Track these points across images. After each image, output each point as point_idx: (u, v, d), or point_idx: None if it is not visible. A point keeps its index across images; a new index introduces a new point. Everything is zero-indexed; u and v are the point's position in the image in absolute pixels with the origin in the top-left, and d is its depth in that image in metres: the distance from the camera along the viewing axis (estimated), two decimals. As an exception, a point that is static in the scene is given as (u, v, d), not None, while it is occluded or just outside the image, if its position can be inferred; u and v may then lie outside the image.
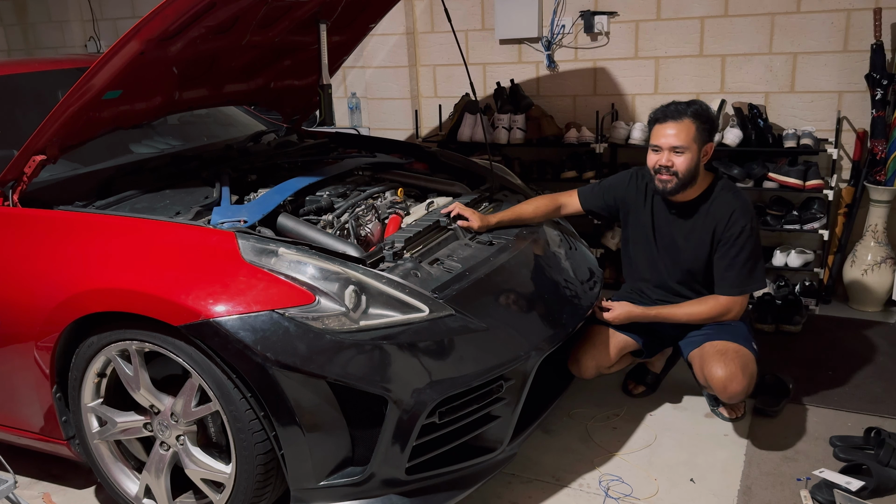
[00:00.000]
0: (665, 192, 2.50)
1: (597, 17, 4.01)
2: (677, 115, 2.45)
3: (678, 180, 2.46)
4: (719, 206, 2.52)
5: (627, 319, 2.58)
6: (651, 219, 2.64)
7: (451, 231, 2.52)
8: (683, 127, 2.44)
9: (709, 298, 2.56)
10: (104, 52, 2.10)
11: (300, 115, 3.50)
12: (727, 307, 2.52)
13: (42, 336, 2.14)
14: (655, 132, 2.49)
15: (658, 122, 2.49)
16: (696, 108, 2.47)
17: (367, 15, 3.12)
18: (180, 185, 2.61)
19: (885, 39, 3.47)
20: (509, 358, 2.17)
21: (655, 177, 2.50)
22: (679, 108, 2.46)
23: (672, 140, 2.44)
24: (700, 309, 2.54)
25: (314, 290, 1.98)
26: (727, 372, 2.43)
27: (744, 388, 2.44)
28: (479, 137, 4.16)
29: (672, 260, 2.63)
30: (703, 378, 2.54)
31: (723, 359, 2.46)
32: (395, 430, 1.96)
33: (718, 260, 2.53)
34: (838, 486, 2.24)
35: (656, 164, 2.48)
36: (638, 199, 2.66)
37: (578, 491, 2.38)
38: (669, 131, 2.45)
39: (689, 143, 2.44)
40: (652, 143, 2.50)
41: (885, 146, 3.48)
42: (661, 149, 2.47)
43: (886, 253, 3.60)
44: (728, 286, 2.52)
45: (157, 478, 2.19)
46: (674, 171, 2.45)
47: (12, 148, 2.46)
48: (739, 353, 2.48)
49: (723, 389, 2.45)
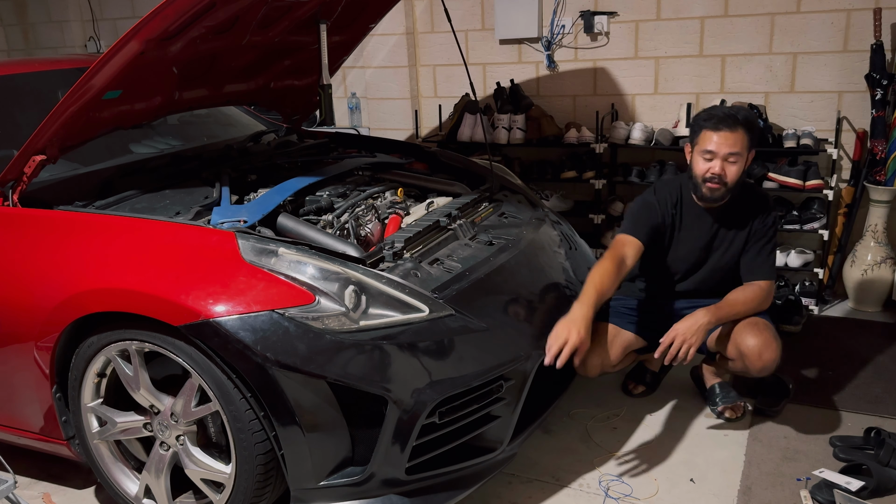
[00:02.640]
0: (712, 199, 2.50)
1: (597, 17, 4.01)
2: (732, 124, 2.41)
3: (727, 189, 2.47)
4: (750, 203, 2.58)
5: (705, 333, 2.47)
6: (692, 231, 2.62)
7: (451, 231, 2.52)
8: (738, 136, 2.42)
9: (748, 286, 2.58)
10: (104, 52, 2.10)
11: (300, 115, 3.50)
12: (768, 291, 2.57)
13: (42, 336, 2.14)
14: (706, 139, 2.44)
15: (709, 129, 2.44)
16: (745, 116, 2.45)
17: (367, 15, 3.11)
18: (180, 185, 2.61)
19: (885, 39, 3.47)
20: (509, 358, 2.17)
21: (704, 184, 2.47)
22: (732, 117, 2.42)
23: (728, 148, 2.41)
24: (749, 295, 2.55)
25: (314, 290, 1.98)
26: (762, 339, 2.46)
27: (776, 357, 2.47)
28: (479, 137, 4.16)
29: (711, 266, 2.65)
30: (735, 351, 2.52)
31: (755, 328, 2.49)
32: (395, 430, 1.96)
33: (752, 251, 2.58)
34: (838, 486, 2.24)
35: (708, 172, 2.45)
36: (670, 215, 2.61)
37: (578, 491, 2.38)
38: (726, 139, 2.41)
39: (744, 151, 2.44)
40: (704, 149, 2.45)
41: (885, 146, 3.48)
42: (714, 156, 2.43)
43: (886, 253, 3.60)
44: (763, 273, 2.57)
45: (156, 478, 2.19)
46: (725, 180, 2.45)
47: (12, 148, 2.46)
48: (769, 325, 2.53)
49: (758, 357, 2.46)
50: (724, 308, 2.51)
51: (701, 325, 2.42)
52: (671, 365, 2.92)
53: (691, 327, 2.41)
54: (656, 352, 2.46)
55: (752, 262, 2.59)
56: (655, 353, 2.47)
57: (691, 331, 2.40)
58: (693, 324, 2.41)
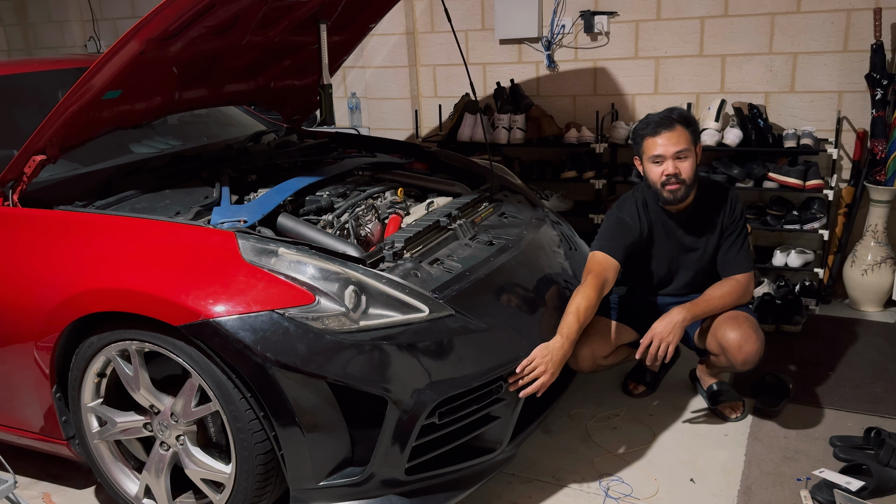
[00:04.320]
0: (675, 200, 2.51)
1: (597, 17, 4.01)
2: (669, 124, 2.46)
3: (686, 186, 2.49)
4: (715, 198, 2.60)
5: (682, 330, 2.49)
6: (665, 240, 2.64)
7: (451, 231, 2.52)
8: (679, 133, 2.45)
9: (726, 281, 2.60)
10: (104, 52, 2.10)
11: (300, 115, 3.50)
12: (746, 284, 2.59)
13: (42, 336, 2.14)
14: (651, 145, 2.48)
15: (649, 136, 2.48)
16: (680, 113, 2.50)
17: (367, 15, 3.12)
18: (180, 185, 2.61)
19: (885, 39, 3.46)
20: (509, 358, 2.17)
21: (663, 189, 2.49)
22: (667, 118, 2.47)
23: (673, 147, 2.45)
24: (725, 290, 2.57)
25: (314, 290, 1.98)
26: (741, 332, 2.47)
27: (757, 349, 2.47)
28: (479, 137, 4.16)
29: (692, 269, 2.67)
30: (716, 345, 2.53)
31: (734, 322, 2.50)
32: (395, 431, 1.96)
33: (726, 246, 2.60)
34: (838, 486, 2.24)
35: (662, 174, 2.47)
36: (640, 228, 2.61)
37: (578, 491, 2.38)
38: (667, 140, 2.45)
39: (689, 145, 2.47)
40: (652, 156, 2.48)
41: (885, 146, 3.48)
42: (663, 159, 2.46)
43: (886, 253, 3.60)
44: (740, 266, 2.59)
45: (156, 478, 2.19)
46: (682, 178, 2.47)
47: (12, 148, 2.46)
48: (749, 318, 2.54)
49: (738, 350, 2.47)
50: (700, 304, 2.53)
51: (676, 322, 2.45)
52: (671, 364, 2.95)
53: (667, 326, 2.45)
54: (637, 353, 2.50)
55: (727, 257, 2.61)
56: (636, 354, 2.50)
57: (667, 329, 2.45)
58: (668, 322, 2.46)
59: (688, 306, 2.50)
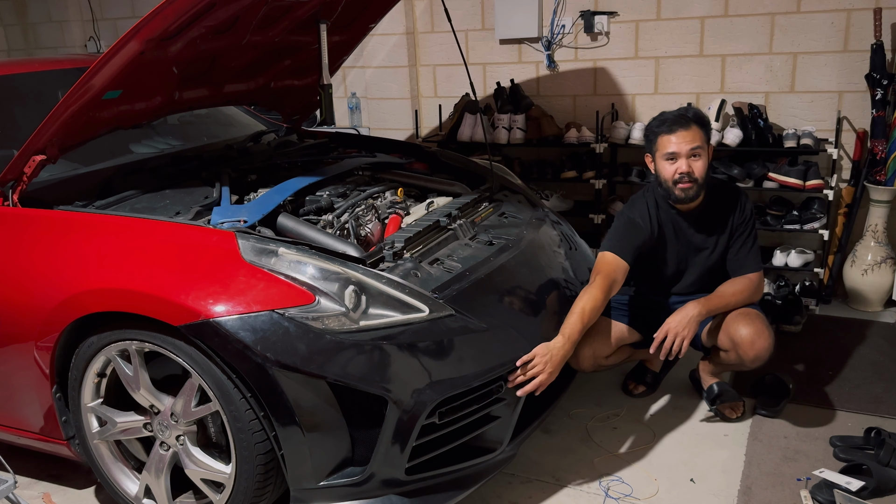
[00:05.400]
0: (686, 199, 2.51)
1: (597, 17, 4.01)
2: (685, 123, 2.46)
3: (698, 185, 2.49)
4: (725, 197, 2.61)
5: (697, 325, 2.48)
6: (675, 239, 2.64)
7: (451, 231, 2.52)
8: (694, 132, 2.46)
9: (739, 279, 2.60)
10: (104, 52, 2.10)
11: (300, 115, 3.50)
12: (758, 282, 2.60)
13: (42, 336, 2.13)
14: (665, 143, 2.48)
15: (664, 134, 2.48)
16: (695, 112, 2.51)
17: (367, 15, 3.11)
18: (180, 185, 2.61)
19: (885, 39, 3.46)
20: (509, 358, 2.17)
21: (675, 187, 2.49)
22: (683, 116, 2.48)
23: (688, 145, 2.45)
24: (738, 287, 2.57)
25: (314, 290, 1.98)
26: (754, 328, 2.48)
27: (769, 345, 2.49)
28: (479, 137, 4.16)
29: (700, 268, 2.67)
30: (727, 341, 2.54)
31: (747, 318, 2.51)
32: (395, 431, 1.96)
33: (737, 245, 2.61)
34: (838, 486, 2.24)
35: (676, 173, 2.47)
36: (651, 228, 2.61)
37: (578, 491, 2.38)
38: (684, 138, 2.45)
39: (704, 144, 2.48)
40: (666, 153, 2.48)
41: (885, 146, 3.48)
42: (678, 156, 2.46)
43: (886, 253, 3.60)
44: (751, 265, 2.60)
45: (156, 478, 2.19)
46: (694, 177, 2.47)
47: (12, 148, 2.46)
48: (760, 315, 2.55)
49: (750, 346, 2.47)
50: (714, 300, 2.54)
51: (692, 317, 2.46)
52: (672, 364, 2.94)
53: (682, 320, 2.45)
54: (651, 347, 2.49)
55: (738, 256, 2.62)
56: (650, 349, 2.49)
57: (682, 324, 2.45)
58: (684, 317, 2.46)
59: (702, 301, 2.51)
